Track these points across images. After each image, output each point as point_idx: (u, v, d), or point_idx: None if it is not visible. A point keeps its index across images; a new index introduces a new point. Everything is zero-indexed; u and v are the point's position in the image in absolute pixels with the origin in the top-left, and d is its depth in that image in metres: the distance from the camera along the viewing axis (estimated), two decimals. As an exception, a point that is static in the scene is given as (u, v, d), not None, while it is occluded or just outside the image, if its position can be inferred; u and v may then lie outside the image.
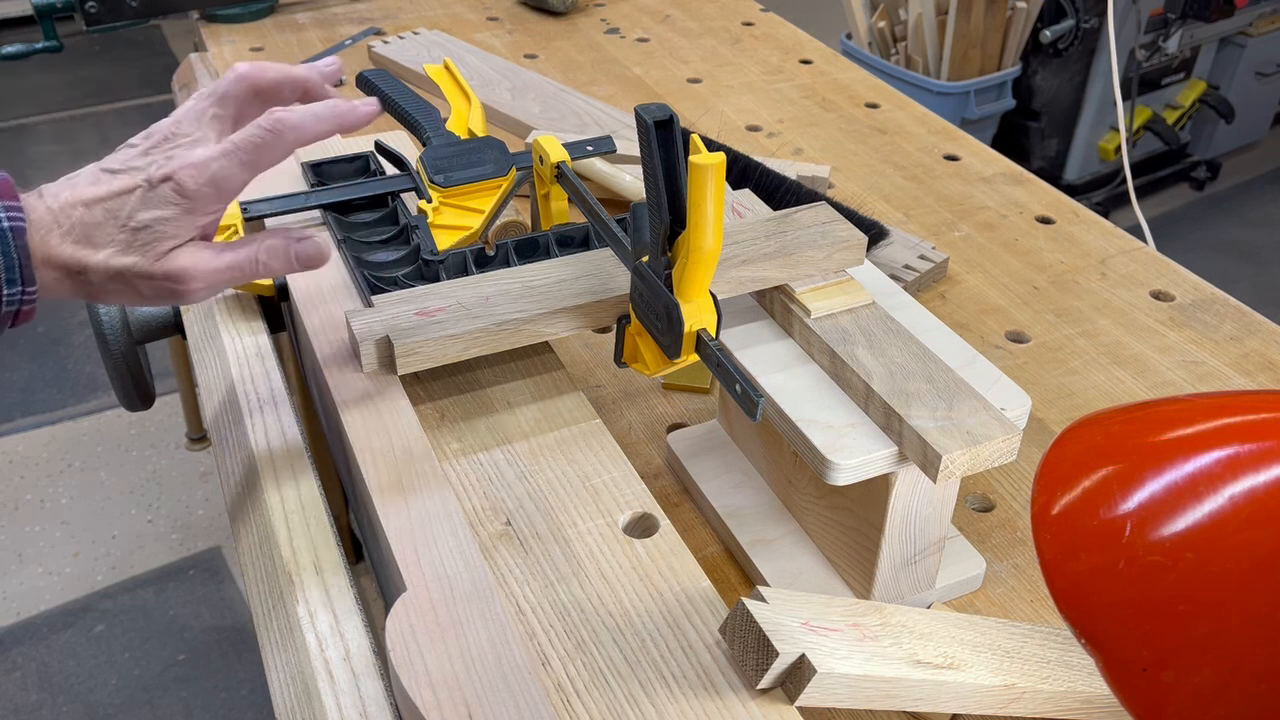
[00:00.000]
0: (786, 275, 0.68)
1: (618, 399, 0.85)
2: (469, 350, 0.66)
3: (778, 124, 1.27)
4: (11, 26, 3.59)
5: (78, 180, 0.57)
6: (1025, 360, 0.90)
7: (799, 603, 0.53)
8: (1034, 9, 2.43)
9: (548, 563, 0.58)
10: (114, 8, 1.38)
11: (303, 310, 0.73)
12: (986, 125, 2.59)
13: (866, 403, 0.61)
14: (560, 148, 0.81)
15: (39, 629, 1.76)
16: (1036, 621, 0.64)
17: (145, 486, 2.02)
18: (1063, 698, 0.57)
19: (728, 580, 0.70)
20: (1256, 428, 0.44)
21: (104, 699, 1.65)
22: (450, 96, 0.92)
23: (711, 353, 0.59)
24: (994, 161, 1.20)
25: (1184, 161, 2.96)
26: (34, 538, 1.92)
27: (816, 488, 0.67)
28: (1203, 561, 0.41)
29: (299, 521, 0.64)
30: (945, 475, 0.56)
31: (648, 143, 0.55)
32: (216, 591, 1.83)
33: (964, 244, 1.05)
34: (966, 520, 0.75)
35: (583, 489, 0.62)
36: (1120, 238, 1.07)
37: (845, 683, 0.50)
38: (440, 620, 0.53)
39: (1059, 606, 0.44)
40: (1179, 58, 2.71)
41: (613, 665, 0.53)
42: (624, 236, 0.68)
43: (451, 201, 0.83)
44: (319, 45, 1.43)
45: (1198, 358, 0.91)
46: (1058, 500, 0.45)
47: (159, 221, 0.56)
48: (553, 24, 1.52)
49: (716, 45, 1.47)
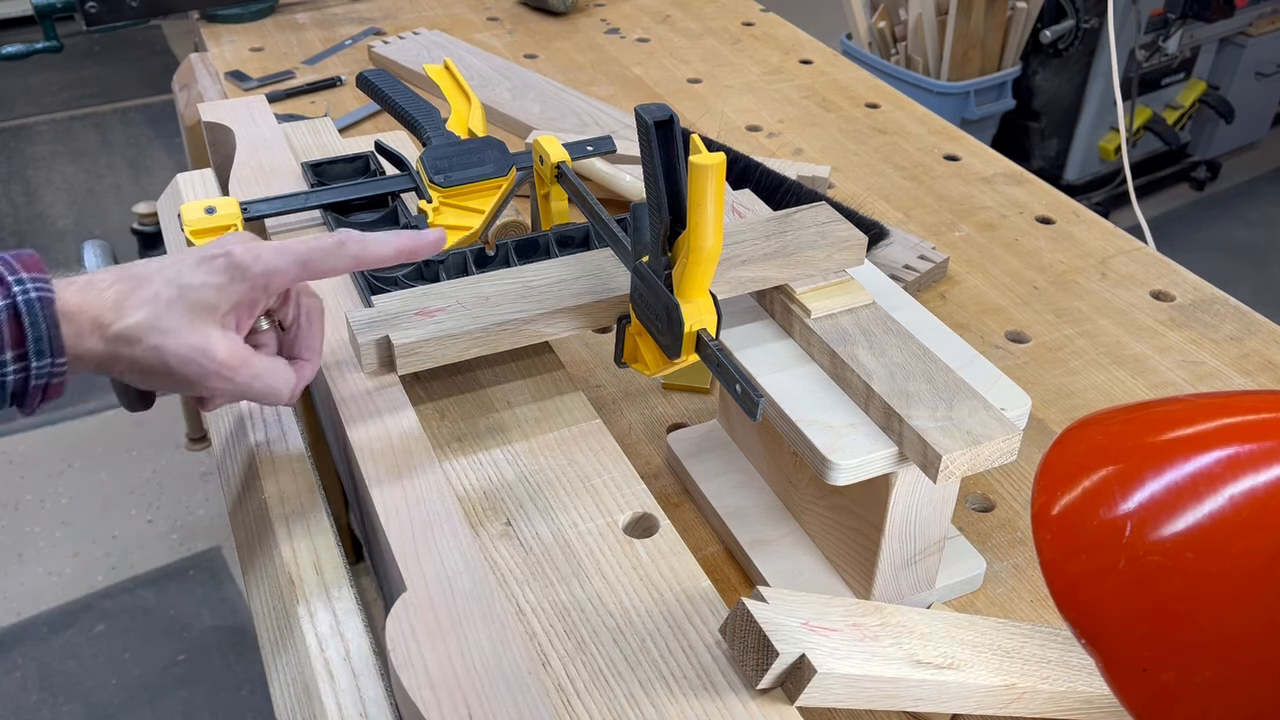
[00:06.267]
0: (786, 275, 0.68)
1: (618, 399, 0.85)
2: (469, 350, 0.66)
3: (778, 124, 1.27)
4: (11, 26, 3.59)
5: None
6: (1025, 360, 0.90)
7: (799, 603, 0.53)
8: (1034, 9, 2.43)
9: (548, 563, 0.58)
10: (114, 8, 1.38)
11: (303, 310, 0.73)
12: (986, 125, 2.59)
13: (866, 403, 0.61)
14: (560, 148, 0.81)
15: (39, 629, 1.76)
16: (1036, 621, 0.64)
17: (145, 486, 2.02)
18: (1063, 698, 0.57)
19: (728, 580, 0.70)
20: (1256, 428, 0.44)
21: (104, 699, 1.65)
22: (450, 96, 0.92)
23: (711, 353, 0.59)
24: (994, 162, 1.20)
25: (1184, 161, 2.96)
26: (34, 538, 1.92)
27: (817, 488, 0.67)
28: (1203, 561, 0.41)
29: (299, 521, 0.64)
30: (945, 475, 0.56)
31: (648, 143, 0.55)
32: (216, 591, 1.83)
33: (964, 244, 1.05)
34: (966, 520, 0.75)
35: (583, 489, 0.62)
36: (1120, 238, 1.07)
37: (845, 683, 0.50)
38: (440, 620, 0.53)
39: (1059, 606, 0.44)
40: (1179, 58, 2.71)
41: (613, 665, 0.53)
42: (624, 236, 0.68)
43: (451, 201, 0.83)
44: (319, 45, 1.43)
45: (1198, 358, 0.91)
46: (1058, 500, 0.45)
47: (205, 287, 0.56)
48: (553, 24, 1.52)
49: (716, 45, 1.47)
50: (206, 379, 0.57)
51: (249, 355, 0.58)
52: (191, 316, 0.56)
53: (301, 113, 1.24)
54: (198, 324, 0.56)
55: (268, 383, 0.59)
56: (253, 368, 0.58)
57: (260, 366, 0.59)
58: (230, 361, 0.57)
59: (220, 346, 0.57)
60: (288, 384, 0.61)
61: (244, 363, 0.58)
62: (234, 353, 0.57)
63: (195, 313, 0.56)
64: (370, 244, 0.61)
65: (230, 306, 0.57)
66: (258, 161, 0.91)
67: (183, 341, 0.55)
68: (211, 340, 0.56)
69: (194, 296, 0.56)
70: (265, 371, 0.59)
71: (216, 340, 0.56)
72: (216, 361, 0.56)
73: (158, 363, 0.56)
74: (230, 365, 0.57)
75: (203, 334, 0.56)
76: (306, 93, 1.31)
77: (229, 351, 0.57)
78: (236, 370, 0.57)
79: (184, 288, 0.56)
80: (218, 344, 0.56)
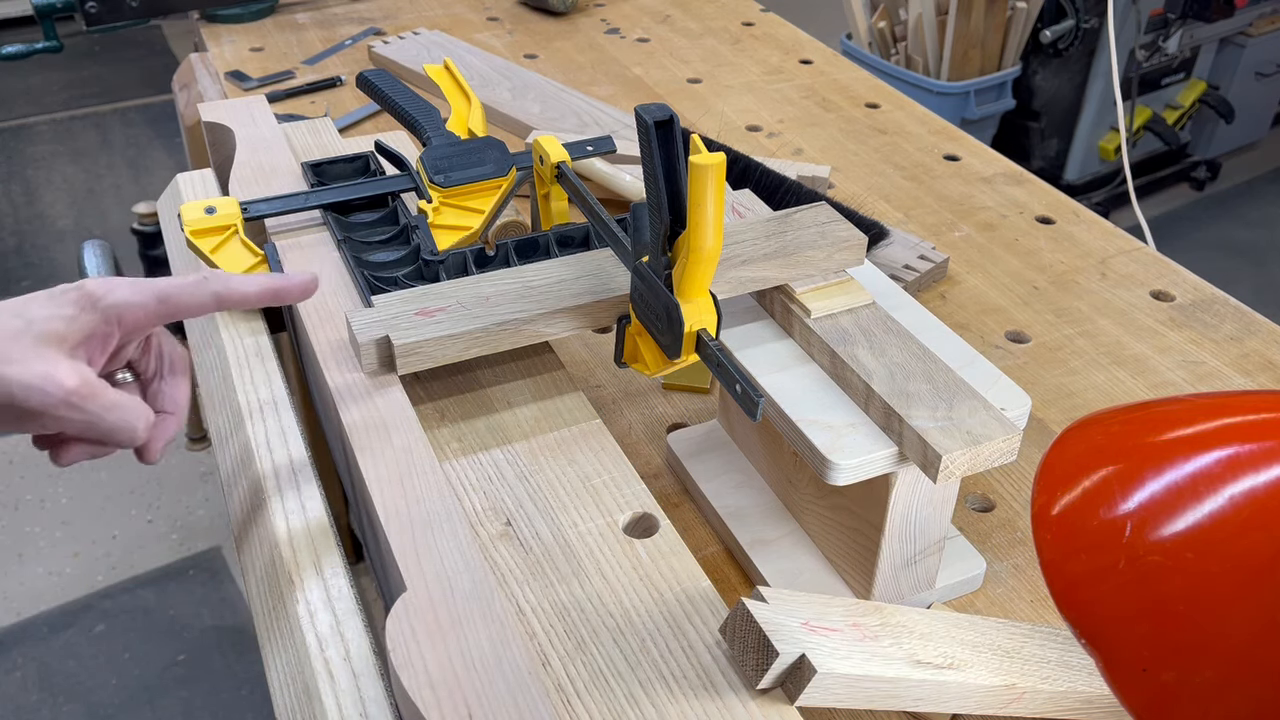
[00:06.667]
0: (786, 275, 0.68)
1: (618, 399, 0.85)
2: (469, 350, 0.66)
3: (778, 124, 1.27)
4: (11, 26, 3.59)
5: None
6: (1025, 360, 0.90)
7: (799, 603, 0.53)
8: (1034, 9, 2.43)
9: (548, 563, 0.58)
10: (114, 8, 1.38)
11: (302, 311, 0.73)
12: (986, 125, 2.59)
13: (866, 403, 0.61)
14: (560, 148, 0.81)
15: (39, 629, 1.76)
16: (1036, 621, 0.64)
17: (145, 486, 2.02)
18: (1063, 698, 0.57)
19: (728, 580, 0.70)
20: (1256, 428, 0.44)
21: (104, 699, 1.65)
22: (450, 96, 0.92)
23: (711, 353, 0.59)
24: (994, 161, 1.20)
25: (1184, 161, 2.96)
26: (34, 538, 1.92)
27: (817, 488, 0.67)
28: (1203, 561, 0.41)
29: (299, 521, 0.64)
30: (945, 475, 0.56)
31: (648, 143, 0.55)
32: (216, 591, 1.83)
33: (964, 244, 1.05)
34: (966, 520, 0.75)
35: (583, 489, 0.62)
36: (1120, 238, 1.07)
37: (845, 683, 0.50)
38: (440, 620, 0.53)
39: (1059, 606, 0.44)
40: (1179, 58, 2.71)
41: (613, 665, 0.53)
42: (624, 236, 0.68)
43: (451, 201, 0.83)
44: (319, 45, 1.43)
45: (1198, 358, 0.91)
46: (1058, 500, 0.45)
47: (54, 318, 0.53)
48: (553, 24, 1.52)
49: (716, 45, 1.47)
50: (53, 408, 0.53)
51: (101, 386, 0.55)
52: (38, 346, 0.53)
53: (301, 113, 1.24)
54: (45, 352, 0.53)
55: (122, 416, 0.55)
56: (104, 399, 0.54)
57: (113, 398, 0.55)
58: (80, 390, 0.53)
59: (68, 374, 0.53)
60: (144, 421, 0.56)
61: (94, 393, 0.54)
62: (84, 380, 0.54)
63: (42, 342, 0.53)
64: (234, 283, 0.59)
65: (81, 338, 0.54)
66: (258, 161, 0.91)
67: (27, 369, 0.52)
68: (58, 368, 0.53)
69: (41, 327, 0.53)
70: (119, 404, 0.55)
71: (64, 368, 0.53)
72: (64, 389, 0.53)
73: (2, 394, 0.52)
74: (80, 393, 0.53)
75: (50, 361, 0.53)
76: (306, 93, 1.31)
77: (79, 379, 0.53)
78: (86, 399, 0.53)
79: (30, 320, 0.53)
80: (65, 372, 0.53)
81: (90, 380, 0.54)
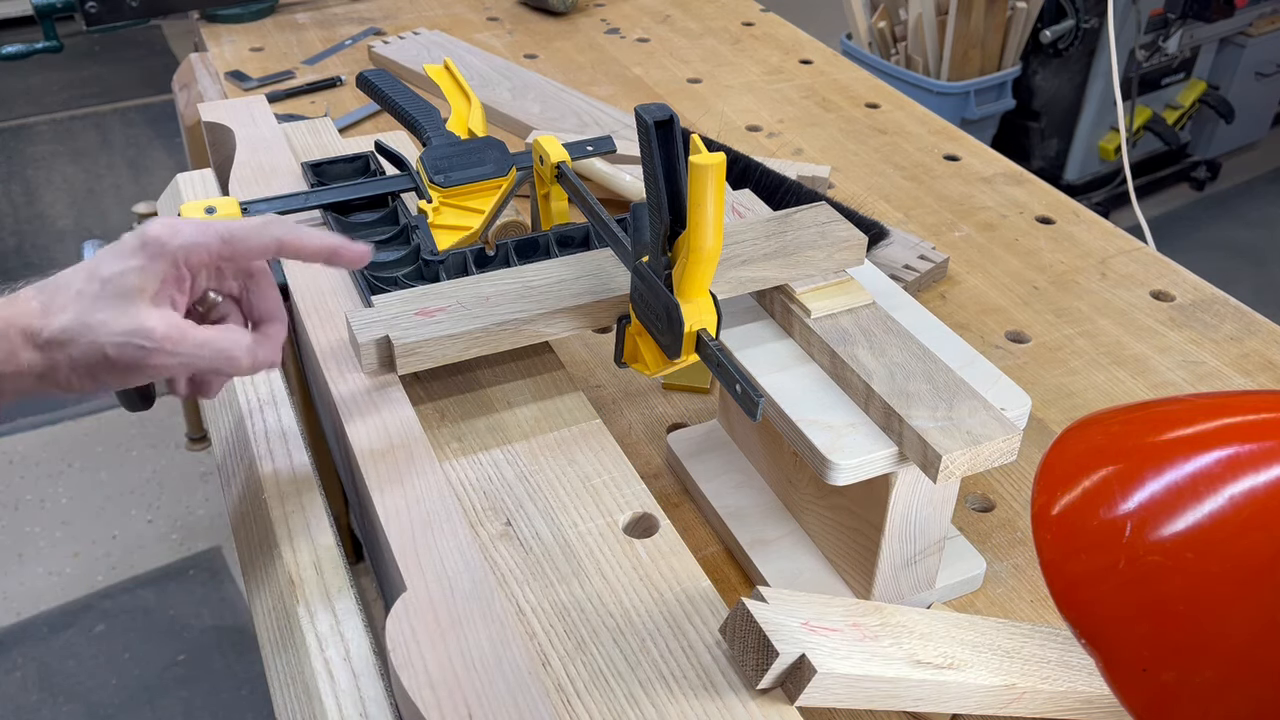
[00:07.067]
0: (786, 275, 0.68)
1: (618, 399, 0.85)
2: (469, 350, 0.66)
3: (778, 124, 1.27)
4: (11, 26, 3.59)
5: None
6: (1025, 360, 0.90)
7: (799, 603, 0.53)
8: (1034, 9, 2.43)
9: (548, 563, 0.58)
10: (114, 8, 1.38)
11: (303, 310, 0.73)
12: (986, 125, 2.59)
13: (866, 403, 0.61)
14: (560, 148, 0.81)
15: (39, 629, 1.76)
16: (1036, 621, 0.64)
17: (145, 486, 2.02)
18: (1063, 698, 0.57)
19: (728, 580, 0.70)
20: (1256, 428, 0.44)
21: (104, 699, 1.65)
22: (450, 96, 0.92)
23: (711, 353, 0.59)
24: (994, 161, 1.20)
25: (1184, 161, 2.96)
26: (34, 538, 1.92)
27: (817, 488, 0.67)
28: (1203, 561, 0.41)
29: (299, 522, 0.64)
30: (945, 475, 0.56)
31: (648, 143, 0.55)
32: (216, 591, 1.82)
33: (964, 244, 1.05)
34: (966, 520, 0.75)
35: (583, 489, 0.62)
36: (1120, 238, 1.07)
37: (845, 683, 0.50)
38: (440, 620, 0.53)
39: (1059, 606, 0.44)
40: (1179, 58, 2.71)
41: (613, 665, 0.53)
42: (624, 236, 0.68)
43: (451, 201, 0.83)
44: (319, 45, 1.43)
45: (1198, 358, 0.91)
46: (1058, 500, 0.45)
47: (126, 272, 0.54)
48: (553, 24, 1.52)
49: (716, 45, 1.47)
50: (149, 359, 0.55)
51: (188, 327, 0.56)
52: (119, 303, 0.54)
53: (301, 113, 1.24)
54: (128, 308, 0.54)
55: (217, 348, 0.57)
56: (195, 337, 0.56)
57: (204, 335, 0.57)
58: (170, 334, 0.55)
59: (155, 323, 0.55)
60: (241, 347, 0.58)
61: (184, 335, 0.56)
62: (172, 325, 0.55)
63: (122, 298, 0.54)
64: (298, 230, 0.59)
65: (158, 285, 0.56)
66: (258, 161, 0.91)
67: (115, 329, 0.54)
68: (144, 319, 0.54)
69: (117, 284, 0.54)
70: (210, 339, 0.57)
71: (149, 318, 0.55)
72: (154, 339, 0.54)
73: (98, 358, 0.54)
74: (171, 338, 0.55)
75: (133, 316, 0.54)
76: (306, 93, 1.31)
77: (166, 325, 0.55)
78: (178, 343, 0.55)
79: (105, 279, 0.54)
80: (152, 322, 0.54)
81: (177, 323, 0.56)
